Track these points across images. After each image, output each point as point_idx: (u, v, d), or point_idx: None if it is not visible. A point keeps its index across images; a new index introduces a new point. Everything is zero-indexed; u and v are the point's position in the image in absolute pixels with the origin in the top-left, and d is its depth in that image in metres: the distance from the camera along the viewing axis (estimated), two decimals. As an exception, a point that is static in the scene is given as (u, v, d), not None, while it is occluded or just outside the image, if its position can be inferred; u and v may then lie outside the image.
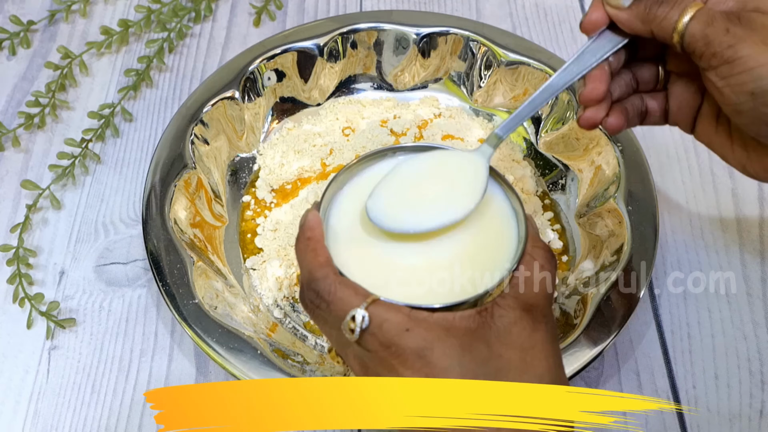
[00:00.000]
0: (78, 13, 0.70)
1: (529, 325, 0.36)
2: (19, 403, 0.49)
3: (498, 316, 0.36)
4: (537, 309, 0.37)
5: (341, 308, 0.36)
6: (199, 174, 0.54)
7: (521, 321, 0.36)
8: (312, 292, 0.37)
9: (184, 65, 0.67)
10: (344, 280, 0.37)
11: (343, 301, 0.36)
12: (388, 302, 0.36)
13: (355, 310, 0.36)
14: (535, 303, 0.37)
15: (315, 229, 0.39)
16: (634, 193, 0.53)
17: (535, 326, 0.37)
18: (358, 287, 0.37)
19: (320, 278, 0.37)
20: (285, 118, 0.62)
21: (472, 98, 0.63)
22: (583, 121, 0.44)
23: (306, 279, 0.38)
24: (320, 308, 0.37)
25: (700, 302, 0.53)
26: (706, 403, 0.49)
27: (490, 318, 0.36)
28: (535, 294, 0.37)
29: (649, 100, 0.45)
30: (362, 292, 0.36)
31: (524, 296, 0.37)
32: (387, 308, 0.36)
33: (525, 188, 0.57)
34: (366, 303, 0.36)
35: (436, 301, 0.37)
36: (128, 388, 0.49)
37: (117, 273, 0.54)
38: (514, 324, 0.36)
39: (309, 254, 0.38)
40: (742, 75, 0.38)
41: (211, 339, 0.46)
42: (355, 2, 0.72)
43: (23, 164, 0.60)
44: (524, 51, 0.60)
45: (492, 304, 0.37)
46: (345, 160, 0.58)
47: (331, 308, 0.37)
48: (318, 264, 0.38)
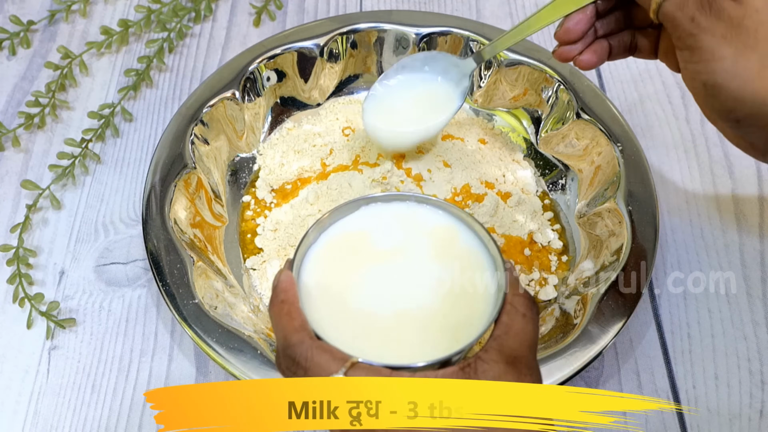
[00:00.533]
0: (78, 13, 0.70)
1: (513, 379, 0.35)
2: (19, 403, 0.49)
3: (481, 371, 0.35)
4: (521, 361, 0.36)
5: (319, 375, 0.35)
6: (199, 174, 0.54)
7: (505, 375, 0.35)
8: (288, 359, 0.36)
9: (184, 65, 0.67)
10: (321, 344, 0.36)
11: (320, 367, 0.35)
12: (368, 364, 0.35)
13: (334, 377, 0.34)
14: (519, 355, 0.36)
15: (288, 290, 0.38)
16: (634, 193, 0.53)
17: (520, 379, 0.35)
18: (335, 351, 0.35)
19: (296, 344, 0.36)
20: (285, 118, 0.62)
21: (472, 98, 0.63)
22: (556, 56, 0.45)
23: (281, 345, 0.37)
24: (297, 375, 0.36)
25: (700, 302, 0.53)
26: (706, 403, 0.49)
27: (473, 373, 0.35)
28: (518, 345, 0.36)
29: (640, 37, 0.46)
30: (340, 356, 0.35)
31: (507, 348, 0.36)
32: (367, 371, 0.35)
33: (525, 188, 0.57)
34: (344, 368, 0.34)
35: (417, 359, 0.36)
36: (128, 388, 0.49)
37: (117, 273, 0.54)
38: (498, 378, 0.35)
39: (283, 318, 0.37)
40: (698, 65, 0.38)
41: (211, 339, 0.46)
42: (355, 2, 0.72)
43: (23, 164, 0.60)
44: (524, 51, 0.60)
45: (475, 358, 0.36)
46: (345, 160, 0.58)
47: (308, 374, 0.35)
48: (293, 329, 0.36)
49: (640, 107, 0.64)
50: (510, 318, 0.37)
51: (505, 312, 0.37)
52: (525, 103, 0.61)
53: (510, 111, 0.62)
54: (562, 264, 0.54)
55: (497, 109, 0.62)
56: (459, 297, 0.40)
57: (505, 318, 0.37)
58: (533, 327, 0.37)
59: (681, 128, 0.63)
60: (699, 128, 0.62)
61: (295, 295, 0.38)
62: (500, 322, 0.37)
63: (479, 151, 0.59)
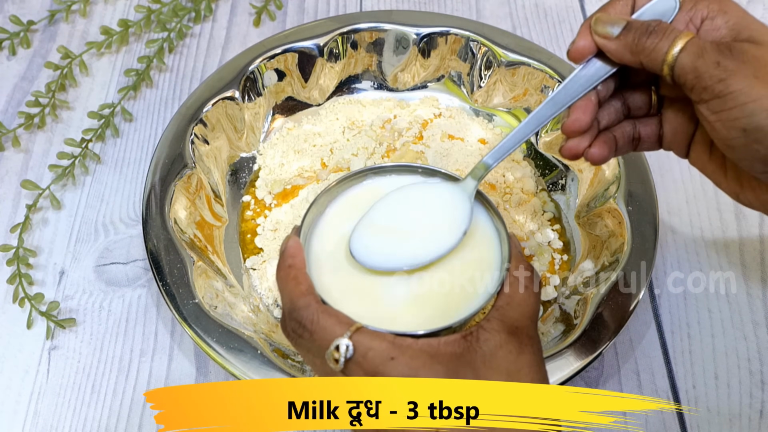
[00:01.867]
0: (78, 13, 0.70)
1: (515, 348, 0.36)
2: (19, 403, 0.49)
3: (483, 340, 0.36)
4: (522, 331, 0.37)
5: (324, 338, 0.36)
6: (199, 174, 0.54)
7: (507, 344, 0.36)
8: (294, 322, 0.37)
9: (184, 65, 0.67)
10: (327, 308, 0.37)
11: (326, 331, 0.36)
12: (372, 330, 0.36)
13: (339, 340, 0.35)
14: (521, 325, 0.37)
15: (296, 256, 0.39)
16: (634, 193, 0.53)
17: (521, 349, 0.36)
18: (340, 315, 0.36)
19: (302, 307, 0.37)
20: (285, 118, 0.62)
21: (472, 98, 0.63)
22: (565, 151, 0.42)
23: (288, 308, 0.37)
24: (303, 338, 0.37)
25: (700, 302, 0.53)
26: (706, 403, 0.49)
27: (475, 342, 0.36)
28: (519, 315, 0.37)
29: (642, 127, 0.43)
30: (345, 321, 0.36)
31: (509, 318, 0.37)
32: (371, 336, 0.35)
33: (525, 188, 0.57)
34: (349, 332, 0.35)
35: (421, 327, 0.37)
36: (128, 388, 0.49)
37: (117, 273, 0.54)
38: (499, 347, 0.36)
39: (290, 282, 0.38)
40: (734, 111, 0.36)
41: (211, 339, 0.46)
42: (355, 2, 0.72)
43: (23, 164, 0.60)
44: (524, 51, 0.60)
45: (477, 327, 0.36)
46: (345, 161, 0.58)
47: (314, 337, 0.36)
48: (299, 293, 0.37)
49: (640, 107, 0.64)
50: (512, 289, 0.38)
51: (507, 283, 0.38)
52: (525, 104, 0.61)
53: (510, 111, 0.62)
54: (562, 264, 0.54)
55: (497, 109, 0.62)
56: (465, 269, 0.41)
57: (508, 289, 0.38)
58: (535, 299, 0.38)
59: (681, 128, 0.62)
60: (699, 128, 0.62)
61: (302, 261, 0.38)
62: (502, 293, 0.38)
63: (479, 151, 0.59)
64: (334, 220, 0.43)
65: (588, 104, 0.41)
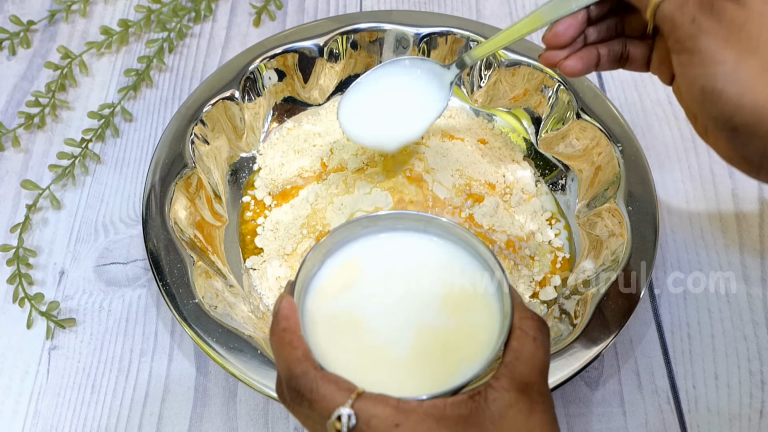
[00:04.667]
0: (78, 13, 0.70)
1: (525, 407, 0.34)
2: (19, 403, 0.49)
3: (492, 400, 0.33)
4: (532, 388, 0.34)
5: (325, 406, 0.34)
6: (199, 174, 0.54)
7: (517, 403, 0.34)
8: (292, 391, 0.35)
9: (184, 65, 0.67)
10: (326, 374, 0.34)
11: (326, 399, 0.34)
12: (375, 395, 0.34)
13: (341, 409, 0.33)
14: (531, 381, 0.34)
15: (290, 318, 0.36)
16: (634, 193, 0.53)
17: (532, 407, 0.34)
18: (340, 381, 0.34)
19: (299, 375, 0.34)
20: (285, 118, 0.62)
21: (472, 98, 0.63)
22: (542, 59, 0.44)
23: (285, 375, 0.35)
24: (302, 406, 0.35)
25: (700, 302, 0.53)
26: (706, 403, 0.49)
27: (483, 402, 0.33)
28: (529, 371, 0.35)
29: (632, 47, 0.44)
30: (346, 387, 0.34)
31: (518, 374, 0.34)
32: (374, 402, 0.33)
33: (525, 188, 0.57)
34: (351, 399, 0.33)
35: (425, 386, 0.36)
36: (128, 388, 0.49)
37: (117, 273, 0.54)
38: (509, 407, 0.33)
39: (285, 348, 0.35)
40: (696, 69, 0.36)
41: (211, 339, 0.46)
42: (355, 2, 0.72)
43: (23, 164, 0.60)
44: (524, 51, 0.60)
45: (485, 386, 0.34)
46: (345, 161, 0.58)
47: (314, 407, 0.34)
48: (295, 359, 0.35)
49: (640, 107, 0.64)
50: (520, 343, 0.35)
51: (514, 337, 0.36)
52: (525, 104, 0.61)
53: (510, 111, 0.62)
54: (563, 264, 0.54)
55: (497, 109, 0.62)
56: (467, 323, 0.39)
57: (515, 343, 0.35)
58: (544, 351, 0.35)
59: (681, 128, 0.63)
60: (699, 128, 0.62)
61: (296, 323, 0.36)
62: (510, 347, 0.35)
63: (479, 151, 0.59)
64: (330, 276, 0.41)
65: (573, 21, 0.42)
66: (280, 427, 0.48)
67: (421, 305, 0.40)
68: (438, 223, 0.42)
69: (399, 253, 0.42)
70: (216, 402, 0.49)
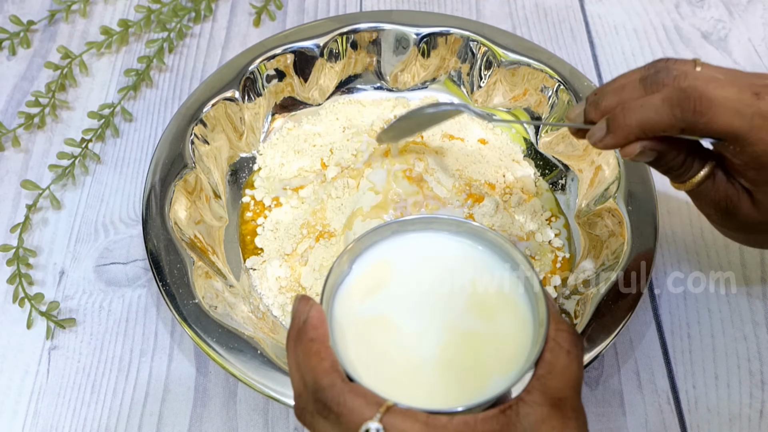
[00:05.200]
0: (78, 13, 0.70)
1: (558, 423, 0.33)
2: (19, 403, 0.49)
3: (524, 415, 0.32)
4: (566, 403, 0.33)
5: (352, 420, 0.32)
6: (199, 174, 0.54)
7: (549, 419, 0.32)
8: (318, 403, 0.34)
9: (184, 65, 0.67)
10: (354, 386, 0.33)
11: (354, 413, 0.33)
12: (404, 408, 0.33)
13: (369, 424, 0.32)
14: (564, 396, 0.33)
15: (318, 328, 0.35)
16: (634, 193, 0.53)
17: (564, 423, 0.33)
18: (369, 394, 0.33)
19: (327, 387, 0.33)
20: (285, 118, 0.62)
21: (472, 98, 0.63)
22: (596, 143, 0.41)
23: (312, 387, 0.34)
24: (328, 420, 0.33)
25: (700, 302, 0.53)
26: (706, 403, 0.49)
27: (515, 417, 0.33)
28: (563, 385, 0.33)
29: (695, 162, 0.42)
30: (374, 400, 0.33)
31: (551, 389, 0.33)
32: (403, 417, 0.32)
33: (525, 188, 0.57)
34: (380, 413, 0.32)
35: (455, 400, 0.34)
36: (128, 388, 0.49)
37: (117, 273, 0.54)
38: (541, 423, 0.32)
39: (313, 358, 0.34)
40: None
41: (211, 339, 0.46)
42: (355, 2, 0.72)
43: (23, 164, 0.60)
44: (524, 51, 0.60)
45: (517, 400, 0.33)
46: (345, 160, 0.58)
47: (340, 420, 0.33)
48: (323, 370, 0.34)
49: (640, 107, 0.64)
50: (553, 356, 0.34)
51: (548, 349, 0.34)
52: (525, 104, 0.61)
53: (510, 111, 0.62)
54: (563, 264, 0.54)
55: (497, 109, 0.62)
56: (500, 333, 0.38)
57: (549, 356, 0.34)
58: (578, 365, 0.34)
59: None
60: (699, 128, 0.62)
61: (325, 333, 0.35)
62: (543, 360, 0.34)
63: (479, 151, 0.59)
64: (358, 279, 0.39)
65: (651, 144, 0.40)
66: (280, 427, 0.48)
67: (452, 308, 0.39)
68: (469, 226, 0.40)
69: (429, 255, 0.41)
70: (216, 402, 0.49)
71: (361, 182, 0.56)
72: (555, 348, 0.34)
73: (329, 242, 0.53)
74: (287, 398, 0.44)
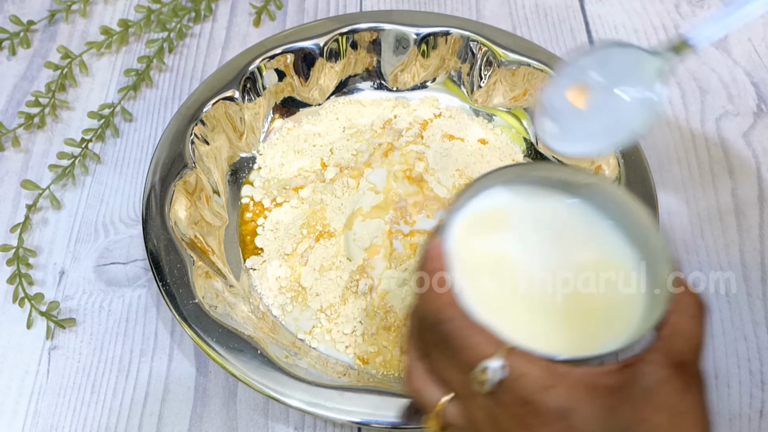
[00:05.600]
0: (78, 13, 0.70)
1: (680, 386, 0.31)
2: (19, 403, 0.49)
3: (645, 374, 0.31)
4: (689, 367, 0.32)
5: (471, 356, 0.32)
6: (199, 174, 0.54)
7: (671, 381, 0.31)
8: (437, 335, 0.33)
9: (184, 65, 0.67)
10: (475, 324, 0.33)
11: (474, 349, 0.32)
12: (525, 352, 0.32)
13: (490, 361, 0.31)
14: (687, 360, 0.32)
15: (437, 260, 0.34)
16: (634, 193, 0.53)
17: (686, 388, 0.32)
18: (489, 332, 0.32)
19: (447, 319, 0.33)
20: (285, 118, 0.62)
21: (472, 98, 0.63)
22: None
23: (431, 319, 0.34)
24: (444, 354, 0.33)
25: (700, 302, 0.53)
26: (706, 403, 0.49)
27: (636, 374, 0.32)
28: (687, 349, 0.33)
29: None
30: (495, 339, 0.32)
31: (674, 351, 0.32)
32: (525, 360, 0.31)
33: (525, 188, 0.57)
34: (501, 353, 0.32)
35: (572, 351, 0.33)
36: (128, 388, 0.49)
37: (117, 273, 0.54)
38: (662, 384, 0.31)
39: (431, 291, 0.34)
40: None
41: (211, 339, 0.46)
42: (355, 2, 0.72)
43: (23, 164, 0.60)
44: (524, 51, 0.60)
45: (637, 359, 0.32)
46: (345, 160, 0.58)
47: (458, 355, 0.33)
48: (443, 303, 0.33)
49: (640, 107, 0.64)
50: (678, 318, 0.33)
51: (673, 311, 0.34)
52: (525, 103, 0.61)
53: (510, 111, 0.62)
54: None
55: (497, 109, 0.62)
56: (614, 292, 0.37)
57: (673, 317, 0.33)
58: (702, 330, 0.34)
59: (681, 128, 0.63)
60: (699, 128, 0.62)
61: (445, 266, 0.34)
62: (667, 321, 0.33)
63: (479, 151, 0.59)
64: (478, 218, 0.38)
65: None
66: (280, 427, 0.48)
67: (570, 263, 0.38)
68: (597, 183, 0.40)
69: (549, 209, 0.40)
70: (216, 402, 0.49)
71: (361, 182, 0.56)
72: (680, 311, 0.34)
73: (329, 242, 0.53)
74: (287, 398, 0.44)
